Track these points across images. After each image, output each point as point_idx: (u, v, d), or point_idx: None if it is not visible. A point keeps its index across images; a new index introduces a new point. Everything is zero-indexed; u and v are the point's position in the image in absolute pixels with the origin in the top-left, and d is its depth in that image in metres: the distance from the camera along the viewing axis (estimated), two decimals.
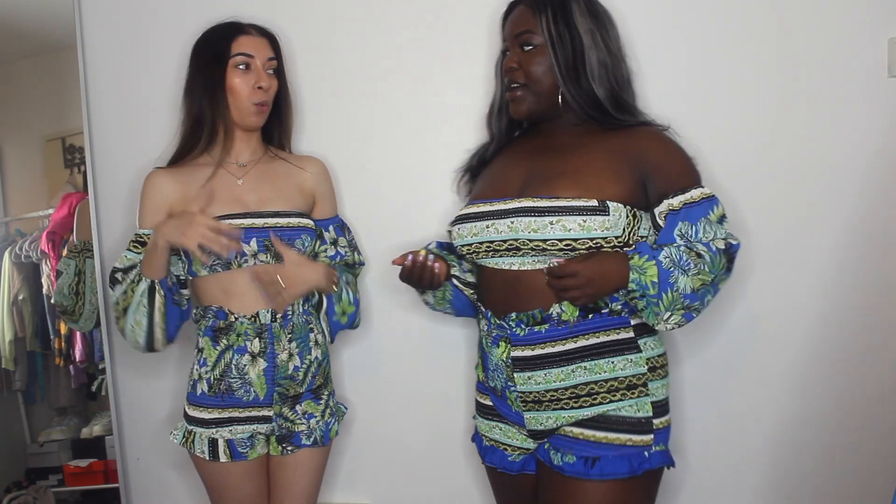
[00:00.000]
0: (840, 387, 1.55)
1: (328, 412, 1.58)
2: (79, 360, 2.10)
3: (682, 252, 1.20)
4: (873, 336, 1.52)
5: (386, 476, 1.85)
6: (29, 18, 2.09)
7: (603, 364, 1.25)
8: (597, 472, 1.23)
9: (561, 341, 1.25)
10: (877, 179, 1.49)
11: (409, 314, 1.78)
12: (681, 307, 1.21)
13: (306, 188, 1.59)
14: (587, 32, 1.29)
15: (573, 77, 1.29)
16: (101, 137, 1.90)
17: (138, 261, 1.48)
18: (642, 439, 1.25)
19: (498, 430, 1.39)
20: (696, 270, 1.19)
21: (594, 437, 1.25)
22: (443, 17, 1.70)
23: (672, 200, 1.25)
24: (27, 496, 2.11)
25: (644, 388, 1.26)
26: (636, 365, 1.26)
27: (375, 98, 1.75)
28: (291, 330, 1.50)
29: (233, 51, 1.46)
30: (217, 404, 1.49)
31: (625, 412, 1.25)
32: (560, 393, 1.26)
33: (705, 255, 1.21)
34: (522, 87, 1.33)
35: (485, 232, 1.30)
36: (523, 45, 1.31)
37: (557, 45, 1.28)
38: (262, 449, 1.53)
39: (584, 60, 1.28)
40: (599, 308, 1.25)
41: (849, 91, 1.48)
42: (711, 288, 1.23)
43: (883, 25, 1.45)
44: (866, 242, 1.50)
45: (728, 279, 1.27)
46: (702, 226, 1.24)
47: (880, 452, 1.53)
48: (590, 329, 1.25)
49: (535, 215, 1.23)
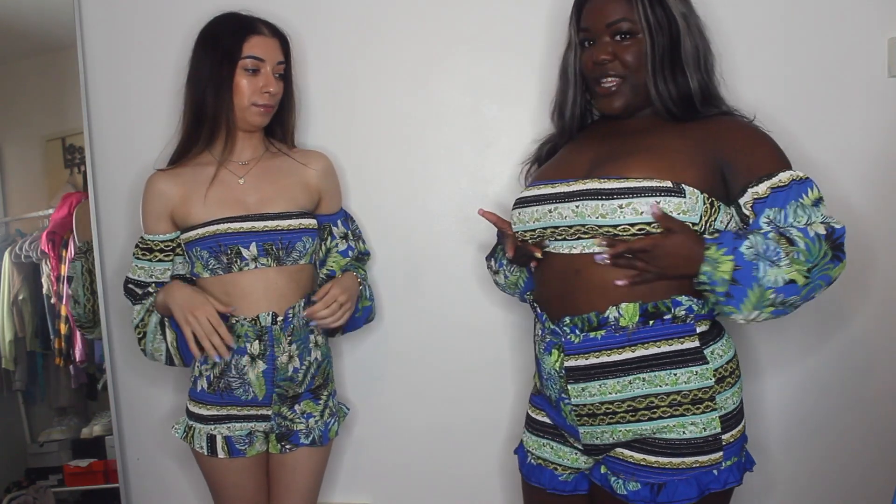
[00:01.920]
0: (840, 386, 1.55)
1: (327, 412, 1.58)
2: (79, 360, 2.10)
3: (769, 241, 1.06)
4: (873, 336, 1.53)
5: (386, 476, 1.85)
6: (29, 18, 2.09)
7: (664, 376, 1.13)
8: (664, 499, 1.13)
9: (618, 350, 1.14)
10: (877, 179, 1.49)
11: (411, 315, 1.78)
12: (770, 304, 1.06)
13: (311, 186, 1.57)
14: (681, 17, 1.20)
15: (668, 67, 1.20)
16: (101, 137, 1.90)
17: (150, 280, 1.53)
18: (710, 458, 1.13)
19: (549, 448, 1.30)
20: (787, 260, 1.04)
21: (658, 462, 1.14)
22: (445, 16, 1.70)
23: (757, 188, 1.12)
24: (27, 496, 2.11)
25: (711, 403, 1.14)
26: (702, 378, 1.13)
27: (377, 97, 1.75)
28: (291, 332, 1.49)
29: (244, 52, 1.44)
30: (216, 401, 1.49)
31: (689, 433, 1.13)
32: (616, 406, 1.15)
33: (799, 241, 1.06)
34: (618, 80, 1.22)
35: (547, 217, 1.20)
36: (619, 34, 1.20)
37: (656, 32, 1.19)
38: (260, 446, 1.53)
39: (680, 49, 1.20)
40: (661, 314, 1.13)
41: (849, 91, 1.48)
42: (820, 280, 1.07)
43: (883, 25, 1.45)
44: (866, 242, 1.50)
45: (840, 269, 1.10)
46: (792, 210, 1.10)
47: (880, 452, 1.53)
48: (650, 337, 1.13)
49: (604, 198, 1.12)
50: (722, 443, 1.14)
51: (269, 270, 1.47)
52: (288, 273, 1.49)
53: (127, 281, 1.55)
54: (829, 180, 1.51)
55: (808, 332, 1.56)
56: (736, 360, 1.21)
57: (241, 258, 1.45)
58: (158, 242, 1.52)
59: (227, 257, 1.45)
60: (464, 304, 1.75)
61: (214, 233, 1.45)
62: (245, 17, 1.50)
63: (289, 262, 1.49)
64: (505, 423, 1.74)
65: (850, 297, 1.53)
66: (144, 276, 1.53)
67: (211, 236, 1.45)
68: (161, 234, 1.52)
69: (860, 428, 1.55)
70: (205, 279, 1.49)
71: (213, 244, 1.45)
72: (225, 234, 1.45)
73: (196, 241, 1.46)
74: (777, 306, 1.07)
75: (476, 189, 1.71)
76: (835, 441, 1.57)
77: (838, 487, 1.58)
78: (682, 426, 1.14)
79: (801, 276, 1.05)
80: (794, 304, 1.08)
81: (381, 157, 1.76)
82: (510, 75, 1.67)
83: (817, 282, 1.08)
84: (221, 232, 1.45)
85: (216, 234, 1.44)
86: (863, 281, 1.52)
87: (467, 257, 1.73)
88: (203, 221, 1.46)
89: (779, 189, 1.11)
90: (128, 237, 1.88)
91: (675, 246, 1.08)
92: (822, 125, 1.50)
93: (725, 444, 1.15)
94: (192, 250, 1.48)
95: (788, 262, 1.05)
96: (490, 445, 1.76)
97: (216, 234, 1.45)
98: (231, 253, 1.45)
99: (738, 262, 1.05)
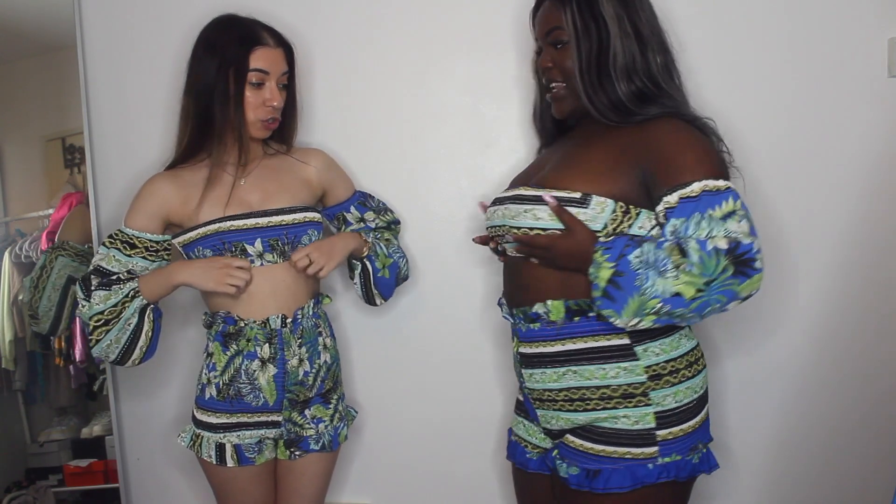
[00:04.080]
0: (840, 386, 1.55)
1: (337, 416, 1.57)
2: (79, 360, 2.10)
3: (660, 251, 1.07)
4: (874, 336, 1.53)
5: (389, 477, 1.85)
6: (29, 18, 2.09)
7: (593, 370, 1.19)
8: (599, 485, 1.18)
9: (551, 342, 1.23)
10: (877, 179, 1.49)
11: (412, 315, 1.78)
12: (654, 313, 1.08)
13: (313, 182, 1.57)
14: (613, 19, 1.20)
15: (594, 74, 1.21)
16: (101, 137, 1.90)
17: (117, 272, 1.44)
18: (643, 452, 1.17)
19: (522, 426, 1.39)
20: (674, 273, 1.05)
21: (593, 449, 1.20)
22: (445, 16, 1.70)
23: (669, 197, 1.11)
24: (27, 496, 2.11)
25: (644, 398, 1.17)
26: (630, 373, 1.17)
27: (378, 98, 1.75)
28: (301, 334, 1.48)
29: (250, 64, 1.41)
30: (226, 409, 1.47)
31: (621, 424, 1.18)
32: (555, 394, 1.24)
33: (694, 253, 1.05)
34: (561, 86, 1.28)
35: (493, 217, 1.32)
36: (554, 42, 1.26)
37: (582, 39, 1.21)
38: (269, 454, 1.52)
39: (609, 53, 1.20)
40: (584, 311, 1.19)
41: (849, 91, 1.48)
42: (719, 294, 1.06)
43: (883, 25, 1.45)
44: (867, 242, 1.50)
45: (749, 286, 1.06)
46: (694, 221, 1.09)
47: (880, 452, 1.53)
48: (577, 333, 1.20)
49: (518, 203, 1.23)
50: (657, 438, 1.17)
51: (276, 268, 1.46)
52: (294, 270, 1.47)
53: (98, 271, 1.44)
54: (829, 180, 1.51)
55: (808, 333, 1.56)
56: (687, 360, 1.21)
57: (245, 255, 1.44)
58: (145, 240, 1.46)
59: (230, 255, 1.43)
60: (464, 304, 1.75)
61: (217, 230, 1.43)
62: (248, 25, 1.46)
63: None
64: (506, 423, 1.74)
65: (851, 297, 1.53)
66: (119, 267, 1.45)
67: (214, 234, 1.43)
68: (149, 234, 1.47)
69: (859, 429, 1.55)
70: None
71: (217, 242, 1.43)
72: (228, 232, 1.43)
73: (198, 240, 1.44)
74: (662, 316, 1.08)
75: (476, 189, 1.71)
76: (834, 441, 1.57)
77: (838, 488, 1.58)
78: (615, 417, 1.19)
79: (692, 289, 1.05)
80: (684, 316, 1.09)
81: (381, 157, 1.76)
82: (510, 75, 1.67)
83: (715, 296, 1.06)
84: (224, 229, 1.43)
85: (219, 232, 1.43)
86: (863, 281, 1.52)
87: (468, 257, 1.72)
88: (205, 221, 1.45)
89: (688, 199, 1.10)
90: None
91: (569, 246, 1.16)
92: (822, 125, 1.50)
93: (662, 440, 1.17)
94: (193, 250, 1.46)
95: (675, 273, 1.05)
96: (491, 446, 1.76)
97: (219, 231, 1.43)
98: (235, 250, 1.43)
99: (621, 268, 1.09)
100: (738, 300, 1.08)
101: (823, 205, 1.52)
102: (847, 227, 1.51)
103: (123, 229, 1.47)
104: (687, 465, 1.20)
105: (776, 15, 1.51)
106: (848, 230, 1.51)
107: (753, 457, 1.61)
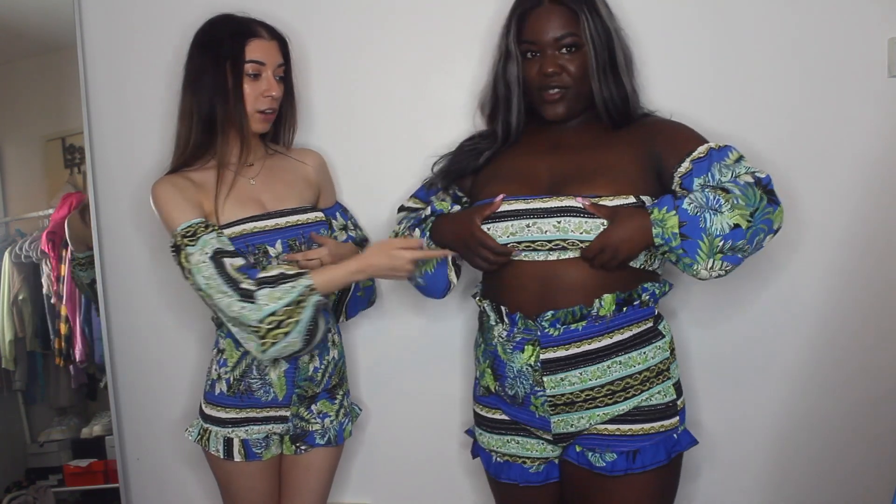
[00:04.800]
0: (840, 386, 1.55)
1: (342, 412, 1.58)
2: (79, 360, 2.10)
3: (707, 193, 1.16)
4: (874, 336, 1.52)
5: (389, 478, 1.85)
6: (29, 18, 2.09)
7: (636, 356, 1.25)
8: (640, 465, 1.23)
9: (598, 338, 1.23)
10: (877, 179, 1.49)
11: (411, 315, 1.78)
12: (720, 250, 1.15)
13: (312, 181, 1.59)
14: (613, 31, 1.30)
15: (609, 76, 1.29)
16: (101, 137, 1.90)
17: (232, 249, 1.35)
18: (672, 422, 1.27)
19: (514, 443, 1.35)
20: (728, 206, 1.15)
21: (630, 430, 1.25)
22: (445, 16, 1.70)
23: (681, 167, 1.23)
24: (27, 496, 2.11)
25: (668, 372, 1.28)
26: (662, 350, 1.28)
27: (377, 98, 1.75)
28: None
29: (246, 56, 1.41)
30: (235, 404, 1.47)
31: (655, 399, 1.26)
32: (596, 391, 1.24)
33: (733, 189, 1.17)
34: (563, 90, 1.30)
35: (524, 231, 1.25)
36: (565, 47, 1.28)
37: (598, 45, 1.28)
38: (276, 449, 1.52)
39: (616, 59, 1.30)
40: (633, 300, 1.25)
41: (849, 91, 1.48)
42: (762, 224, 1.17)
43: (883, 25, 1.45)
44: (867, 242, 1.50)
45: (780, 214, 1.20)
46: (717, 169, 1.21)
47: (880, 452, 1.53)
48: (624, 323, 1.24)
49: (586, 216, 1.21)
50: (677, 408, 1.29)
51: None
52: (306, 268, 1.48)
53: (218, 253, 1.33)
54: (829, 180, 1.51)
55: (808, 333, 1.56)
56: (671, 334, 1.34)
57: (267, 257, 1.44)
58: (198, 225, 1.36)
59: (254, 257, 1.42)
60: (468, 306, 1.75)
61: (241, 233, 1.42)
62: (241, 20, 1.47)
63: None
64: None
65: (851, 297, 1.53)
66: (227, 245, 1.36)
67: (238, 237, 1.41)
68: (195, 219, 1.37)
69: (859, 429, 1.55)
70: None
71: (241, 245, 1.41)
72: (252, 234, 1.42)
73: None
74: (727, 252, 1.16)
75: None
76: (834, 441, 1.57)
77: (838, 488, 1.58)
78: (651, 395, 1.26)
79: (744, 220, 1.15)
80: (743, 248, 1.16)
81: (381, 157, 1.76)
82: None
83: (759, 226, 1.17)
84: (248, 231, 1.42)
85: (244, 235, 1.42)
86: (864, 280, 1.52)
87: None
88: (225, 223, 1.42)
89: (700, 159, 1.22)
90: (128, 237, 1.88)
91: (619, 232, 1.19)
92: (823, 125, 1.50)
93: (680, 408, 1.29)
94: None
95: (730, 207, 1.15)
96: None
97: (243, 234, 1.42)
98: (259, 252, 1.43)
99: (682, 217, 1.16)
100: (773, 233, 1.20)
101: (823, 205, 1.52)
102: (847, 227, 1.51)
103: (177, 230, 1.36)
104: (690, 434, 1.32)
105: (776, 15, 1.51)
106: (848, 230, 1.51)
107: (753, 457, 1.61)
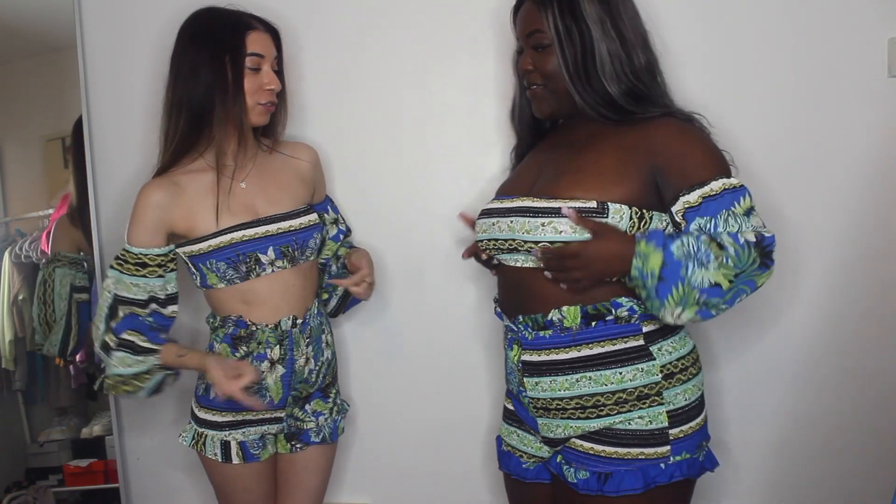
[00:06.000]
0: (840, 386, 1.56)
1: (335, 409, 1.59)
2: (79, 360, 2.09)
3: (701, 242, 1.09)
4: (874, 336, 1.53)
5: (387, 477, 1.85)
6: (29, 18, 2.08)
7: (610, 375, 1.17)
8: (611, 489, 1.16)
9: (565, 349, 1.19)
10: (877, 179, 1.49)
11: (411, 314, 1.78)
12: (695, 303, 1.09)
13: (307, 178, 1.57)
14: (596, 22, 1.20)
15: (583, 77, 1.21)
16: (101, 137, 1.90)
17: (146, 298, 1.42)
18: (656, 452, 1.17)
19: (515, 436, 1.37)
20: (716, 264, 1.08)
21: (604, 452, 1.19)
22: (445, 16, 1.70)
23: (689, 196, 1.13)
24: (27, 496, 2.11)
25: (658, 398, 1.17)
26: (648, 374, 1.17)
27: (377, 97, 1.75)
28: (309, 334, 1.49)
29: (247, 48, 1.39)
30: (230, 408, 1.46)
31: (635, 425, 1.17)
32: (566, 402, 1.20)
33: (729, 246, 1.09)
34: (541, 88, 1.27)
35: (491, 229, 1.27)
36: (534, 45, 1.25)
37: (565, 42, 1.20)
38: (272, 448, 1.53)
39: (595, 56, 1.19)
40: (603, 315, 1.18)
41: (849, 91, 1.48)
42: (744, 285, 1.11)
43: (883, 25, 1.45)
44: (867, 242, 1.50)
45: (766, 277, 1.13)
46: (723, 219, 1.12)
47: (880, 452, 1.53)
48: (594, 338, 1.18)
49: (531, 216, 1.18)
50: (669, 437, 1.17)
51: (285, 272, 1.46)
52: (302, 272, 1.48)
53: (117, 300, 1.40)
54: (829, 180, 1.51)
55: (808, 333, 1.56)
56: (692, 357, 1.24)
57: (259, 265, 1.42)
58: (154, 257, 1.40)
59: (245, 266, 1.41)
60: (464, 304, 1.75)
61: (231, 242, 1.40)
62: (234, 12, 1.44)
63: (301, 260, 1.48)
64: None
65: (851, 297, 1.53)
66: (142, 293, 1.41)
67: (228, 246, 1.40)
68: (156, 248, 1.40)
69: (859, 429, 1.55)
70: (220, 289, 1.45)
71: (231, 254, 1.40)
72: (242, 242, 1.40)
73: (210, 252, 1.40)
74: (700, 307, 1.10)
75: (476, 189, 1.71)
76: (834, 441, 1.57)
77: (838, 488, 1.58)
78: (629, 419, 1.18)
79: (726, 281, 1.09)
80: (717, 306, 1.11)
81: (380, 157, 1.76)
82: (511, 75, 1.66)
83: (741, 286, 1.11)
84: (238, 240, 1.40)
85: (233, 243, 1.40)
86: (863, 280, 1.52)
87: None
88: (214, 232, 1.40)
89: (710, 198, 1.13)
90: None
91: (601, 249, 1.13)
92: (823, 125, 1.50)
93: (674, 438, 1.18)
94: (204, 263, 1.41)
95: (717, 265, 1.08)
96: (491, 445, 1.76)
97: (233, 242, 1.40)
98: (250, 261, 1.41)
99: (666, 258, 1.09)
100: (753, 292, 1.13)
101: (823, 204, 1.52)
102: (847, 227, 1.51)
103: (129, 248, 1.41)
104: (695, 463, 1.21)
105: (776, 15, 1.51)
106: (848, 230, 1.51)
107: (753, 457, 1.61)
